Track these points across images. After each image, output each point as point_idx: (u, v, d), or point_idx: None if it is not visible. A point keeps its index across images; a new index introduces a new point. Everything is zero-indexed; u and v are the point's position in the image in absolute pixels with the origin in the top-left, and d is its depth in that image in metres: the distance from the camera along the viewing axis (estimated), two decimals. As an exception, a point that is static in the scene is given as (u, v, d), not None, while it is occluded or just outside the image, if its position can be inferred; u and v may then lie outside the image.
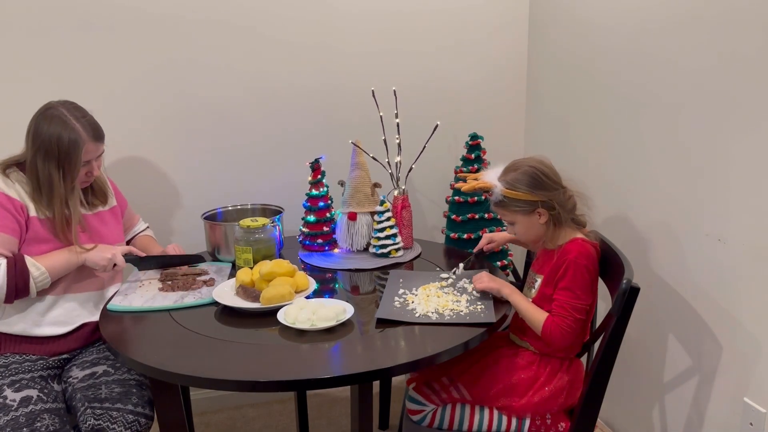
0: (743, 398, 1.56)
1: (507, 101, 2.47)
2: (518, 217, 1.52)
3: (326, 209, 2.01)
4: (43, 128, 1.52)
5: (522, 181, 1.48)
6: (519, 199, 1.48)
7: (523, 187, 1.47)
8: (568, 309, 1.43)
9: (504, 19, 2.38)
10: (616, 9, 1.89)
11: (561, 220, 1.49)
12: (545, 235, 1.53)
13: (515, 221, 1.53)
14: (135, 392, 1.54)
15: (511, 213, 1.52)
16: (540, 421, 1.52)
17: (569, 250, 1.46)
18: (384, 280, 1.74)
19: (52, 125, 1.52)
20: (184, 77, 2.10)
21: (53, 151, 1.52)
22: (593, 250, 1.48)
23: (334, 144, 2.19)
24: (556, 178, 1.50)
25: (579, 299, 1.44)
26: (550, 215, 1.49)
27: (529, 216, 1.50)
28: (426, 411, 1.55)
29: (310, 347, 1.35)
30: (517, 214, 1.51)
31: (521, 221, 1.52)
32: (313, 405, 2.37)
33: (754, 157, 1.47)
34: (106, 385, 1.53)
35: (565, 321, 1.43)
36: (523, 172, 1.48)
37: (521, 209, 1.49)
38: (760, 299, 1.49)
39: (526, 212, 1.50)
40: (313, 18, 2.18)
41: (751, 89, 1.45)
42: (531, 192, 1.47)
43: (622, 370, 1.96)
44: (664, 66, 1.72)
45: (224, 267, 1.86)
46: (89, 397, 1.49)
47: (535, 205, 1.48)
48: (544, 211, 1.48)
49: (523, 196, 1.47)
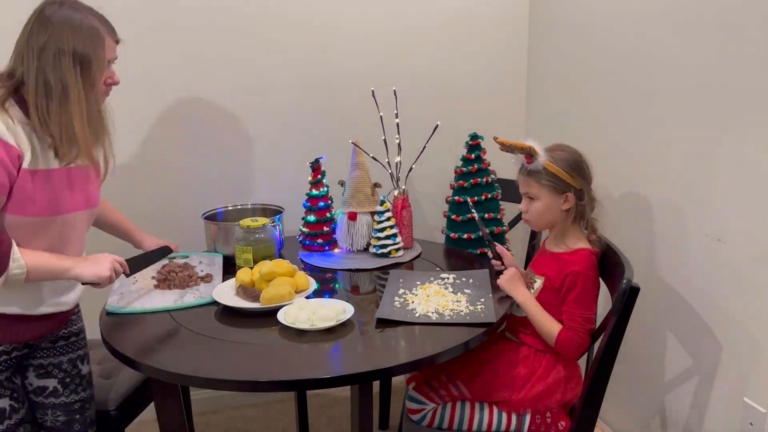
0: (743, 398, 1.56)
1: (507, 101, 2.47)
2: (545, 193, 1.51)
3: (326, 209, 2.01)
4: (46, 24, 1.25)
5: (567, 161, 1.49)
6: (556, 176, 1.49)
7: (566, 167, 1.49)
8: (581, 321, 1.45)
9: (504, 19, 2.38)
10: (616, 9, 1.89)
11: (582, 215, 1.51)
12: (559, 223, 1.54)
13: (540, 197, 1.52)
14: (78, 418, 1.52)
15: (540, 187, 1.51)
16: (540, 419, 1.52)
17: (577, 261, 1.47)
18: (384, 280, 1.74)
19: (59, 18, 1.25)
20: (184, 77, 2.10)
21: (67, 51, 1.25)
22: (596, 260, 1.50)
23: (334, 144, 2.19)
24: (591, 174, 1.53)
25: (589, 310, 1.47)
26: (575, 204, 1.50)
27: (556, 197, 1.50)
28: (426, 410, 1.55)
29: (310, 347, 1.35)
30: (545, 190, 1.50)
31: (546, 199, 1.51)
32: (313, 405, 2.37)
33: (754, 157, 1.46)
34: (52, 411, 1.49)
35: (579, 334, 1.45)
36: (570, 152, 1.51)
37: (553, 186, 1.50)
38: (760, 299, 1.49)
39: (555, 191, 1.50)
40: (314, 18, 2.18)
41: (752, 89, 1.45)
42: (570, 174, 1.48)
43: (622, 370, 1.96)
44: (664, 65, 1.72)
45: (215, 258, 1.85)
46: (36, 419, 1.48)
47: (567, 188, 1.49)
48: (572, 197, 1.50)
49: (562, 174, 1.49)
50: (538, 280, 1.55)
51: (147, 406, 1.72)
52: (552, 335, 1.46)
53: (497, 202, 2.13)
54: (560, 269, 1.49)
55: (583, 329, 1.45)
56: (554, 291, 1.50)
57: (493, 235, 2.10)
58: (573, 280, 1.46)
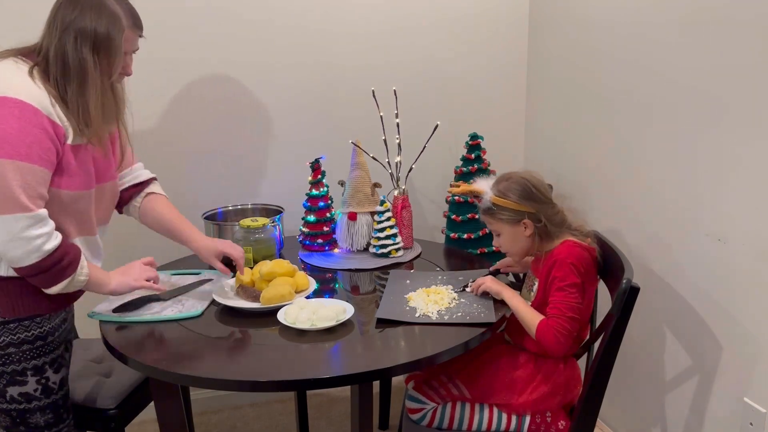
0: (743, 398, 1.56)
1: (507, 101, 2.47)
2: (504, 227, 1.54)
3: (326, 209, 2.01)
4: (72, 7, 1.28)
5: (512, 190, 1.51)
6: (506, 208, 1.50)
7: (513, 196, 1.50)
8: (561, 308, 1.43)
9: (504, 19, 2.38)
10: (616, 9, 1.89)
11: (548, 233, 1.51)
12: (532, 247, 1.55)
13: (501, 232, 1.55)
14: None
15: (498, 222, 1.54)
16: (540, 419, 1.52)
17: (558, 252, 1.48)
18: (384, 280, 1.74)
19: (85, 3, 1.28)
20: (184, 77, 2.10)
21: (88, 32, 1.27)
22: (584, 252, 1.47)
23: (334, 144, 2.19)
24: (545, 191, 1.53)
25: (571, 296, 1.43)
26: (535, 227, 1.50)
27: (515, 227, 1.52)
28: (426, 409, 1.55)
29: (310, 347, 1.35)
30: (503, 224, 1.53)
31: (507, 232, 1.54)
32: (313, 405, 2.37)
33: (754, 157, 1.46)
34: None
35: (558, 321, 1.42)
36: (514, 181, 1.52)
37: (508, 218, 1.51)
38: (760, 299, 1.49)
39: (512, 222, 1.51)
40: (314, 18, 2.18)
41: (752, 89, 1.45)
42: (519, 202, 1.50)
43: (622, 370, 1.96)
44: (664, 66, 1.72)
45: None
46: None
47: (521, 216, 1.50)
48: (530, 223, 1.50)
49: (511, 205, 1.50)
50: (536, 282, 1.55)
51: (147, 406, 1.72)
52: (533, 326, 1.44)
53: (497, 202, 2.13)
54: (546, 263, 1.50)
55: (563, 316, 1.41)
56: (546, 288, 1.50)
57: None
58: (555, 270, 1.46)
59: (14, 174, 1.20)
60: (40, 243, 1.24)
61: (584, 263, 1.47)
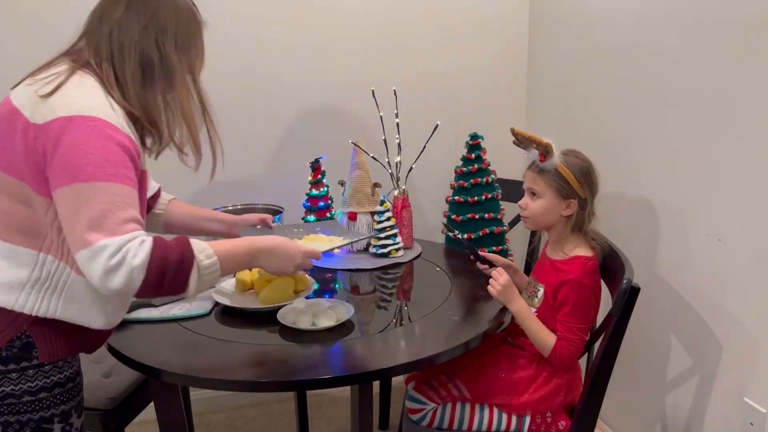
0: (743, 398, 1.56)
1: (507, 101, 2.47)
2: (550, 194, 1.49)
3: (326, 209, 2.00)
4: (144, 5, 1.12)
5: (579, 167, 1.48)
6: (566, 180, 1.47)
7: (577, 173, 1.48)
8: (576, 332, 1.44)
9: (504, 19, 2.38)
10: (617, 9, 1.89)
11: (580, 225, 1.50)
12: (556, 228, 1.53)
13: (544, 196, 1.50)
14: None
15: (547, 186, 1.49)
16: (540, 419, 1.52)
17: (571, 270, 1.46)
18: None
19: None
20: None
21: (168, 21, 1.12)
22: (592, 263, 1.48)
23: (334, 144, 2.19)
24: (598, 187, 1.52)
25: (584, 319, 1.45)
26: (576, 212, 1.49)
27: (560, 200, 1.49)
28: (426, 410, 1.55)
29: (310, 347, 1.35)
30: (550, 190, 1.49)
31: (550, 199, 1.50)
32: (313, 405, 2.37)
33: (754, 157, 1.46)
34: None
35: (575, 345, 1.44)
36: (582, 159, 1.50)
37: (560, 189, 1.48)
38: (760, 299, 1.49)
39: (560, 194, 1.49)
40: (313, 17, 2.18)
41: (753, 88, 1.45)
42: (579, 182, 1.48)
43: (622, 370, 1.96)
44: (664, 65, 1.72)
45: None
46: None
47: (572, 194, 1.48)
48: (575, 204, 1.49)
49: (572, 180, 1.47)
50: (541, 288, 1.54)
51: (147, 406, 1.72)
52: (547, 347, 1.46)
53: (497, 202, 2.13)
54: (557, 278, 1.49)
55: (579, 339, 1.45)
56: (552, 299, 1.50)
57: (493, 235, 2.10)
58: (568, 290, 1.45)
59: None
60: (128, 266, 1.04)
61: (595, 277, 1.48)
